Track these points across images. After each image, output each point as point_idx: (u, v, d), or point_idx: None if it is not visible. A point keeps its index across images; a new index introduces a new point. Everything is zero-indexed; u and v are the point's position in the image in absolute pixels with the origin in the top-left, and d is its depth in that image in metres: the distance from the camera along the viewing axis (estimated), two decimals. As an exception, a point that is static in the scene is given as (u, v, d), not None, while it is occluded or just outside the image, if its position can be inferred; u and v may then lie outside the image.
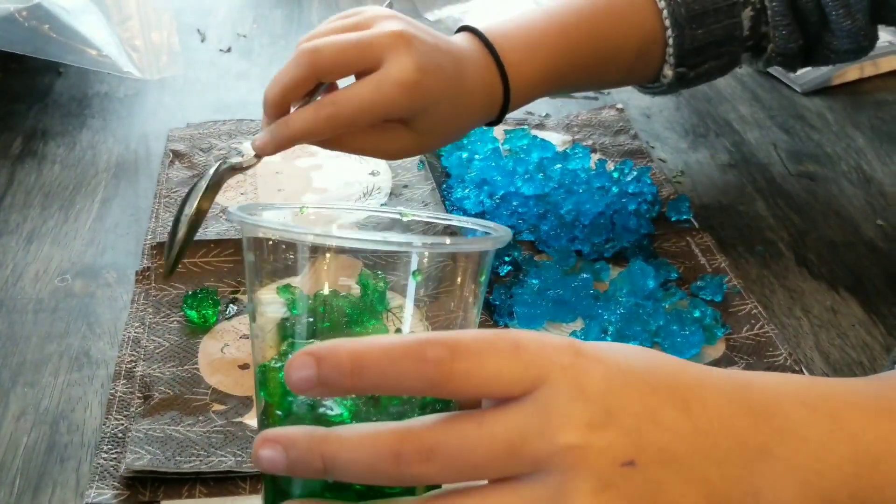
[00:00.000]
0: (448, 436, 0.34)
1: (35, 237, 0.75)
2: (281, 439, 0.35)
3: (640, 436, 0.37)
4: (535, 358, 0.36)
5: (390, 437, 0.34)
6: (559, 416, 0.35)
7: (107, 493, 0.54)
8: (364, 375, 0.34)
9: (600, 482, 0.36)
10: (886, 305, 0.70)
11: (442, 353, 0.34)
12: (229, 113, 0.93)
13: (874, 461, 0.41)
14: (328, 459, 0.34)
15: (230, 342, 0.65)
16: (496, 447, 0.35)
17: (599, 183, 0.78)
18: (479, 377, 0.35)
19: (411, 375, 0.34)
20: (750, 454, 0.39)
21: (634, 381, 0.38)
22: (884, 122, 0.95)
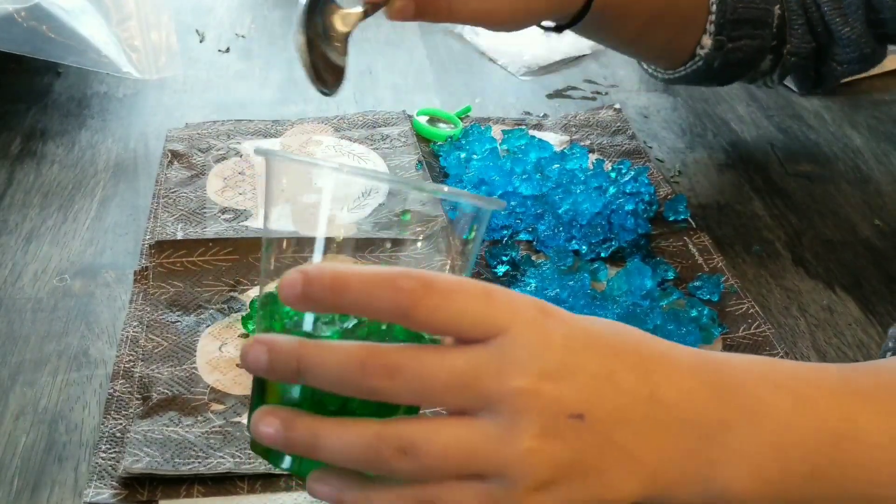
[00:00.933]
0: (411, 359, 0.37)
1: (34, 237, 0.75)
2: (267, 342, 0.39)
3: (593, 393, 0.39)
4: (502, 306, 0.38)
5: (360, 350, 0.37)
6: (515, 361, 0.38)
7: (105, 493, 0.54)
8: (344, 295, 0.37)
9: (546, 429, 0.38)
10: (883, 304, 0.71)
11: (414, 285, 0.37)
12: (228, 113, 0.93)
13: (836, 439, 0.42)
14: (303, 363, 0.38)
15: (228, 341, 0.65)
16: (453, 378, 0.37)
17: (597, 183, 0.78)
18: (446, 312, 0.37)
19: (384, 300, 0.37)
20: (709, 428, 0.41)
21: (597, 343, 0.40)
22: (881, 122, 0.95)
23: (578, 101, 0.98)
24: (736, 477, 0.42)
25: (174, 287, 0.69)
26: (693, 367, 0.42)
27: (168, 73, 0.94)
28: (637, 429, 0.40)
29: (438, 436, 0.38)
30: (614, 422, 0.40)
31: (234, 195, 0.80)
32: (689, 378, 0.41)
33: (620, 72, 1.04)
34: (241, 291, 0.69)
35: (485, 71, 1.04)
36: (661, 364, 0.41)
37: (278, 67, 1.03)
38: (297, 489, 0.55)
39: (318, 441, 0.38)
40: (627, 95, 0.99)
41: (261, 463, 0.56)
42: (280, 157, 0.46)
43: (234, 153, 0.85)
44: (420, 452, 0.37)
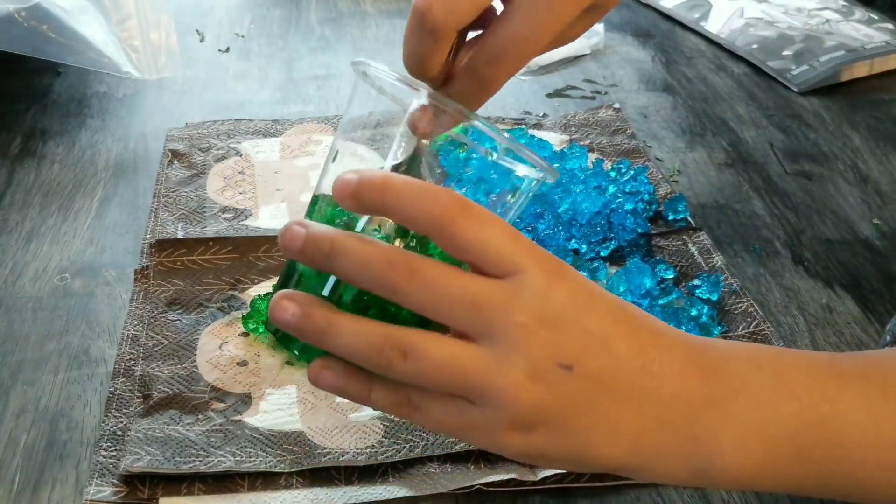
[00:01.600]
0: (433, 268, 0.40)
1: (34, 236, 0.75)
2: (307, 224, 0.42)
3: (585, 349, 0.41)
4: (525, 250, 0.41)
5: (389, 250, 0.40)
6: (521, 300, 0.40)
7: (106, 491, 0.54)
8: (389, 197, 0.40)
9: (535, 369, 0.40)
10: (882, 303, 0.71)
11: (453, 204, 0.39)
12: (227, 113, 0.93)
13: (819, 420, 0.43)
14: (335, 248, 0.40)
15: (229, 339, 0.65)
16: (464, 297, 0.40)
17: (596, 182, 0.78)
18: (475, 236, 0.40)
19: (424, 210, 0.39)
20: (694, 404, 0.42)
21: (599, 307, 0.42)
22: (880, 122, 0.95)
23: (578, 101, 0.98)
24: (720, 452, 0.43)
25: (174, 286, 0.69)
26: (685, 347, 0.44)
27: (168, 73, 0.94)
28: (623, 396, 0.42)
29: (438, 347, 0.40)
30: (601, 383, 0.41)
31: (235, 194, 0.80)
32: (680, 357, 0.43)
33: (619, 71, 1.05)
34: (241, 290, 0.69)
35: (484, 71, 1.04)
36: (655, 340, 0.43)
37: (278, 67, 1.03)
38: (297, 487, 0.55)
39: (331, 329, 0.41)
40: (627, 95, 1.00)
41: (261, 461, 0.56)
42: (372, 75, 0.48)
43: (234, 152, 0.85)
44: (419, 357, 0.40)
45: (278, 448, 0.57)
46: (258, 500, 0.54)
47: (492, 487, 0.55)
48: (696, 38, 1.13)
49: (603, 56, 1.08)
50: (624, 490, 0.55)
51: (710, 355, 0.44)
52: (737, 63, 1.07)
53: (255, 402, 0.60)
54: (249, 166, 0.84)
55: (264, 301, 0.64)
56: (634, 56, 1.09)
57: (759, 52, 1.07)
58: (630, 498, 0.55)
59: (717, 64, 1.07)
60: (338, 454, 0.56)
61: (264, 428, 0.58)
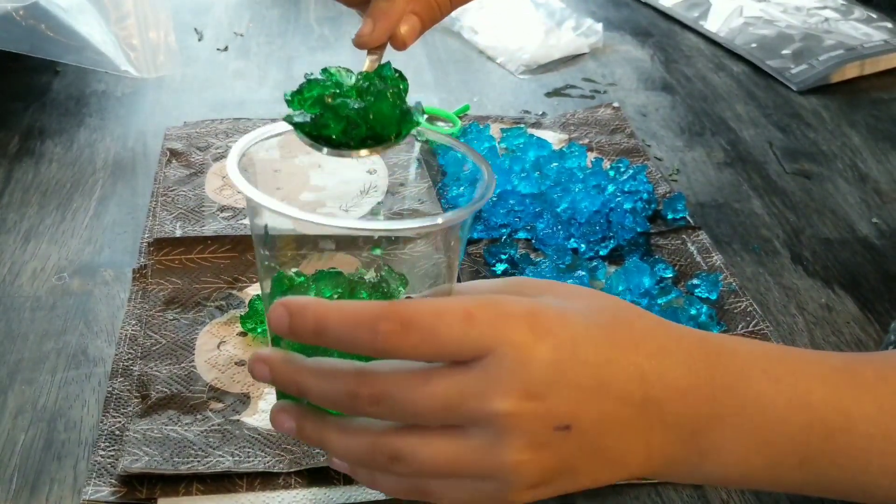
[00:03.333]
0: (397, 386, 0.39)
1: (32, 235, 0.75)
2: (267, 361, 0.41)
3: (580, 405, 0.39)
4: (485, 330, 0.39)
5: (351, 378, 0.40)
6: (498, 384, 0.38)
7: (104, 491, 0.54)
8: (325, 335, 0.39)
9: (533, 442, 0.39)
10: (881, 303, 0.71)
11: (393, 328, 0.38)
12: (226, 112, 0.93)
13: (829, 432, 0.43)
14: (301, 387, 0.41)
15: (227, 339, 0.65)
16: (436, 403, 0.39)
17: (595, 181, 0.78)
18: (427, 350, 0.38)
19: (365, 343, 0.38)
20: (700, 422, 0.42)
21: (587, 352, 0.40)
22: (879, 121, 0.95)
23: (577, 100, 0.98)
24: (723, 464, 0.43)
25: (172, 284, 0.69)
26: (691, 359, 0.42)
27: (166, 72, 0.94)
28: (626, 429, 0.41)
29: (427, 448, 0.40)
30: (603, 428, 0.40)
31: (233, 193, 0.80)
32: (684, 375, 0.42)
33: (619, 70, 1.05)
34: (239, 289, 0.69)
35: (483, 69, 1.04)
36: (656, 361, 0.41)
37: (277, 66, 1.03)
38: (295, 487, 0.55)
39: (324, 444, 0.43)
40: (626, 94, 0.99)
41: (259, 461, 0.56)
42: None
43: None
44: (410, 461, 0.40)
45: (277, 448, 0.57)
46: (257, 501, 0.54)
47: None
48: (695, 36, 1.13)
49: (602, 55, 1.08)
50: (623, 490, 0.55)
51: (720, 365, 0.43)
52: (736, 62, 1.07)
53: (253, 402, 0.60)
54: (248, 165, 0.83)
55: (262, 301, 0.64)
56: (633, 55, 1.08)
57: (759, 50, 1.07)
58: (629, 498, 0.55)
59: (716, 63, 1.07)
60: (336, 454, 0.56)
61: (263, 428, 0.58)
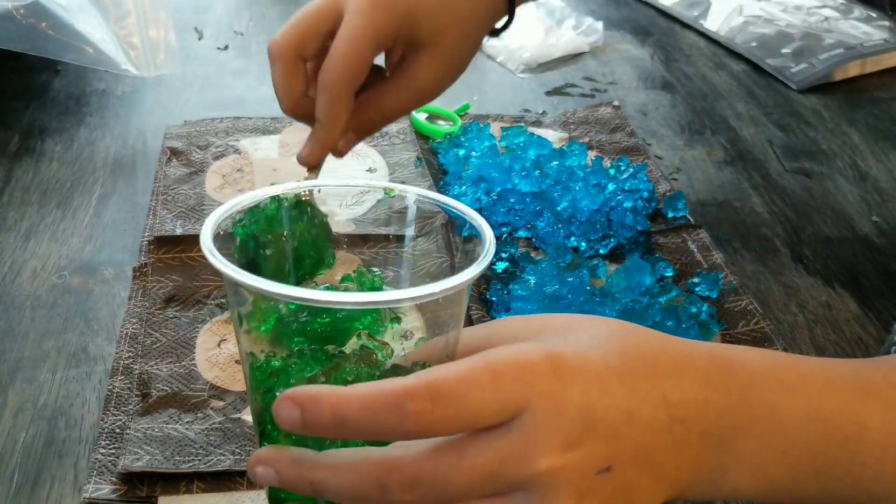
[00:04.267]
0: (430, 467, 0.36)
1: (33, 234, 0.75)
2: (272, 462, 0.37)
3: (615, 443, 0.38)
4: (514, 387, 0.36)
5: (376, 468, 0.36)
6: (537, 441, 0.36)
7: (104, 489, 0.54)
8: (346, 426, 0.35)
9: (578, 492, 0.37)
10: (881, 301, 0.71)
11: (423, 406, 0.35)
12: (226, 110, 0.93)
13: (844, 441, 0.42)
14: (318, 485, 0.36)
15: (228, 337, 0.65)
16: (476, 476, 0.36)
17: (596, 180, 0.78)
18: (461, 420, 0.35)
19: (392, 427, 0.35)
20: (721, 435, 0.41)
21: (612, 387, 0.38)
22: (879, 120, 0.95)
23: (577, 99, 0.98)
24: (743, 480, 0.42)
25: (172, 282, 0.69)
26: (708, 376, 0.42)
27: (166, 71, 0.94)
28: (661, 454, 0.40)
29: None
30: (640, 459, 0.39)
31: (233, 192, 0.80)
32: (702, 389, 0.41)
33: (619, 69, 1.05)
34: (240, 288, 0.69)
35: (483, 68, 1.04)
36: (674, 381, 0.41)
37: (277, 65, 1.03)
38: (296, 485, 0.55)
39: None
40: (626, 92, 1.00)
41: (260, 459, 0.56)
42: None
43: (232, 150, 0.85)
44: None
45: (277, 446, 0.57)
46: (257, 499, 0.54)
47: None
48: (695, 35, 1.13)
49: (602, 54, 1.08)
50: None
51: (735, 377, 0.42)
52: (736, 61, 1.07)
53: (254, 400, 0.60)
54: (248, 164, 0.84)
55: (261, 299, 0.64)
56: (634, 54, 1.08)
57: (758, 49, 1.07)
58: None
59: (716, 62, 1.07)
60: (337, 452, 0.56)
61: (263, 426, 0.58)
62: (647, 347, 0.42)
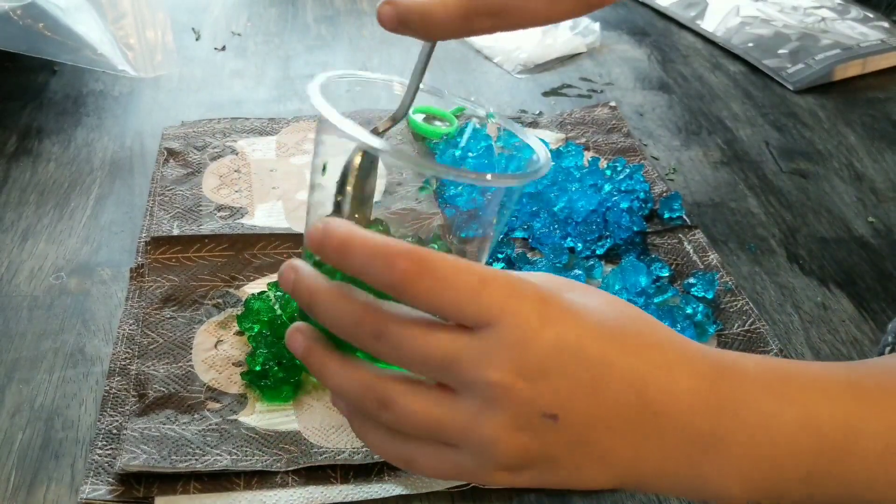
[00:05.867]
0: (401, 328, 0.39)
1: (30, 235, 0.75)
2: (297, 270, 0.42)
3: (571, 398, 0.39)
4: (495, 300, 0.38)
5: (359, 305, 0.40)
6: (494, 355, 0.38)
7: (101, 489, 0.54)
8: (347, 258, 0.39)
9: (516, 422, 0.39)
10: (876, 301, 0.71)
11: (409, 267, 0.38)
12: (224, 111, 0.93)
13: (835, 451, 0.42)
14: (313, 302, 0.41)
15: (224, 338, 0.65)
16: (433, 357, 0.39)
17: (592, 180, 0.78)
18: (435, 300, 0.38)
19: (380, 275, 0.39)
20: (702, 440, 0.41)
21: (589, 349, 0.39)
22: (875, 120, 0.95)
23: (574, 99, 0.98)
24: (727, 486, 0.42)
25: (169, 281, 0.69)
26: (699, 375, 0.41)
27: (164, 71, 0.94)
28: (616, 433, 0.40)
29: (415, 400, 0.40)
30: (591, 425, 0.40)
31: (230, 193, 0.80)
32: (690, 390, 0.41)
33: (615, 70, 1.05)
34: (236, 287, 0.69)
35: (480, 69, 1.04)
36: (661, 373, 0.41)
37: (274, 65, 1.03)
38: (293, 486, 0.55)
39: (323, 370, 0.42)
40: (623, 93, 1.00)
41: (257, 460, 0.56)
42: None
43: (229, 151, 0.85)
44: (396, 410, 0.40)
45: (274, 447, 0.57)
46: (254, 499, 0.54)
47: (487, 486, 0.55)
48: (691, 36, 1.13)
49: (599, 54, 1.08)
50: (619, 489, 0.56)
51: (730, 383, 0.42)
52: (732, 61, 1.07)
53: (250, 402, 0.60)
54: (245, 164, 0.84)
55: (258, 301, 0.64)
56: (630, 54, 1.09)
57: (755, 50, 1.07)
58: (625, 496, 0.55)
59: (713, 62, 1.07)
60: (334, 453, 0.56)
61: (261, 427, 0.58)
62: (650, 335, 0.42)
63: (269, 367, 0.60)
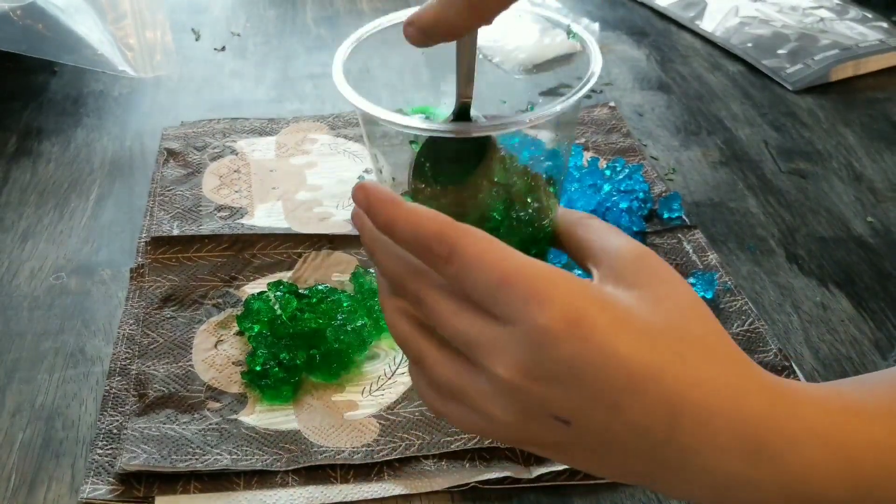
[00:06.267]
0: (434, 300, 0.41)
1: (30, 235, 0.75)
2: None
3: (586, 412, 0.38)
4: (511, 302, 0.38)
5: (404, 266, 0.42)
6: (507, 351, 0.38)
7: (102, 489, 0.54)
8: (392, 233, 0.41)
9: (527, 414, 0.39)
10: (876, 301, 0.71)
11: (442, 252, 0.39)
12: (223, 111, 0.93)
13: (868, 489, 0.39)
14: (371, 248, 0.44)
15: (225, 338, 0.65)
16: (457, 334, 0.40)
17: (591, 180, 0.78)
18: (462, 284, 0.39)
19: (419, 253, 0.41)
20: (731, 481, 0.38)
21: (617, 374, 0.37)
22: (874, 120, 0.95)
23: (573, 100, 0.98)
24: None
25: (169, 281, 0.69)
26: (742, 419, 0.38)
27: (163, 72, 0.94)
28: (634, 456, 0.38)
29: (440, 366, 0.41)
30: (606, 441, 0.38)
31: (230, 193, 0.80)
32: (725, 432, 0.38)
33: (615, 70, 1.05)
34: (236, 287, 0.69)
35: (479, 69, 1.04)
36: (699, 413, 0.37)
37: (274, 66, 1.03)
38: (293, 485, 0.55)
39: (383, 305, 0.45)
40: (622, 93, 1.00)
41: (257, 460, 0.56)
42: None
43: (229, 151, 0.85)
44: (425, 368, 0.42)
45: (274, 447, 0.57)
46: (254, 499, 0.54)
47: (487, 485, 0.55)
48: (690, 36, 1.14)
49: (598, 54, 1.08)
50: (619, 488, 0.56)
51: (776, 428, 0.38)
52: (731, 61, 1.07)
53: (250, 402, 0.60)
54: (245, 165, 0.84)
55: (258, 301, 0.64)
56: (629, 54, 1.09)
57: (754, 50, 1.07)
58: (624, 495, 0.56)
59: (712, 62, 1.07)
60: (334, 452, 0.56)
61: (261, 427, 0.58)
62: (702, 356, 0.38)
63: (269, 367, 0.60)
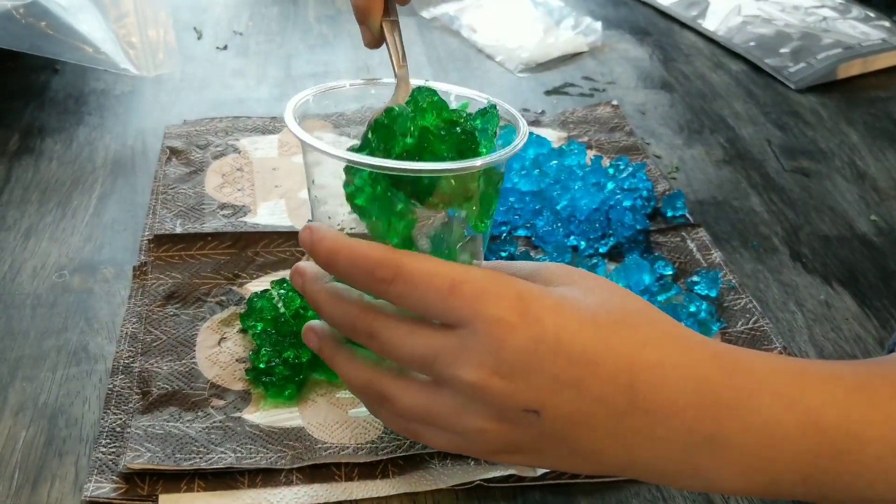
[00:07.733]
0: (387, 329, 0.43)
1: (33, 233, 0.75)
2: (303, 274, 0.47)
3: (551, 395, 0.40)
4: (465, 304, 0.40)
5: (354, 308, 0.44)
6: (469, 354, 0.40)
7: (105, 487, 0.54)
8: (332, 266, 0.43)
9: (500, 414, 0.41)
10: (879, 299, 0.71)
11: (386, 275, 0.41)
12: (225, 110, 0.93)
13: (837, 453, 0.42)
14: (317, 300, 0.46)
15: (228, 336, 0.65)
16: (414, 355, 0.42)
17: (595, 179, 0.78)
18: (411, 300, 0.41)
19: (365, 283, 0.42)
20: (696, 441, 0.41)
21: (571, 349, 0.40)
22: (877, 119, 0.95)
23: (576, 98, 0.98)
24: (721, 479, 0.42)
25: (172, 279, 0.69)
26: (697, 375, 0.41)
27: (166, 70, 0.94)
28: (603, 431, 0.40)
29: (406, 396, 0.43)
30: (575, 422, 0.40)
31: (233, 191, 0.80)
32: (685, 391, 0.40)
33: (618, 69, 1.05)
34: (239, 285, 0.69)
35: (482, 68, 1.04)
36: (655, 372, 0.40)
37: (276, 64, 1.03)
38: (297, 483, 0.55)
39: (334, 367, 0.47)
40: (625, 92, 1.00)
41: (262, 458, 0.56)
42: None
43: (232, 149, 0.85)
44: (393, 405, 0.44)
45: (279, 444, 0.57)
46: (258, 497, 0.54)
47: (492, 483, 0.55)
48: (693, 35, 1.14)
49: (601, 53, 1.08)
50: (623, 486, 0.56)
51: (732, 383, 0.41)
52: (734, 60, 1.07)
53: (254, 399, 0.60)
54: (247, 163, 0.84)
55: (261, 299, 0.64)
56: (632, 53, 1.09)
57: (757, 49, 1.07)
58: (629, 494, 0.55)
59: (715, 61, 1.07)
60: (338, 448, 0.56)
61: (264, 425, 0.58)
62: (645, 332, 0.41)
63: (273, 364, 0.60)
